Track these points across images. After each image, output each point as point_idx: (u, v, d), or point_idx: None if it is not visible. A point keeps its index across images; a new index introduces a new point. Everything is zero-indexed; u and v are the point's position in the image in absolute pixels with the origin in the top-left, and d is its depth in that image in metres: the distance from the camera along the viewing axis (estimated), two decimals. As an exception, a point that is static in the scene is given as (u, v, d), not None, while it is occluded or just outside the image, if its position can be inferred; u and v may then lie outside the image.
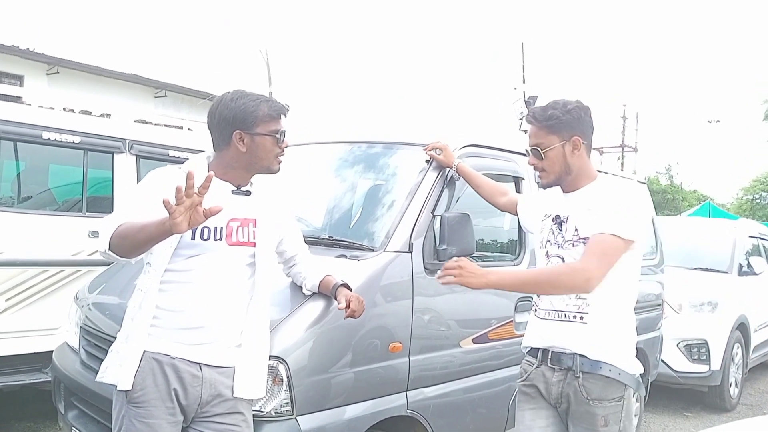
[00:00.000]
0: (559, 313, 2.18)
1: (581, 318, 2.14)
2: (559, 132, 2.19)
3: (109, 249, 1.87)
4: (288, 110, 2.11)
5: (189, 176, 1.66)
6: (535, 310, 2.29)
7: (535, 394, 2.25)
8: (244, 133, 2.02)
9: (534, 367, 2.25)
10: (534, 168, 2.28)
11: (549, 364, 2.20)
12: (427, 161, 2.92)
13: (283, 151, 2.10)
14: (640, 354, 4.50)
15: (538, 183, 2.34)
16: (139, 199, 1.99)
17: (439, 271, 2.14)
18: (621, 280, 2.14)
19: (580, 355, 2.12)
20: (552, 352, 2.19)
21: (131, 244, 1.83)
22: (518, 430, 2.32)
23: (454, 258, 2.13)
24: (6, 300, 4.07)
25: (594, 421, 2.12)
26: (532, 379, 2.25)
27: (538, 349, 2.24)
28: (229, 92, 2.08)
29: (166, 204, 1.65)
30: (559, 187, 2.28)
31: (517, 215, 2.59)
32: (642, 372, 2.23)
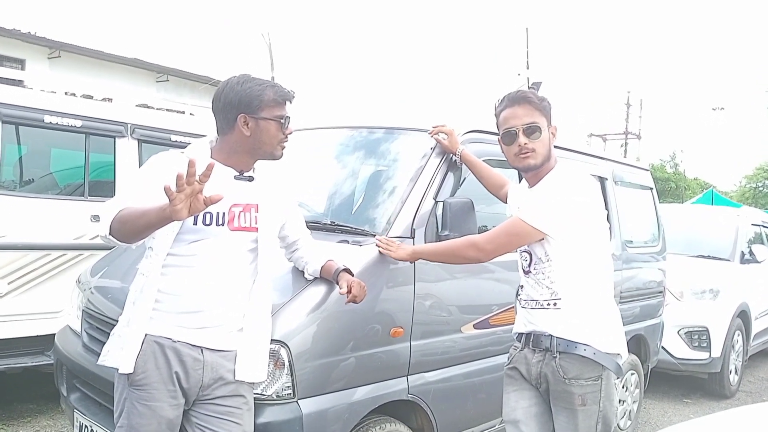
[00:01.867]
0: (536, 302, 2.28)
1: (555, 305, 2.24)
2: (547, 116, 2.28)
3: (110, 234, 1.87)
4: (294, 97, 2.11)
5: (190, 164, 1.65)
6: (519, 300, 2.39)
7: (518, 376, 2.35)
8: (249, 117, 2.01)
9: (518, 351, 2.36)
10: (522, 149, 2.23)
11: (530, 347, 2.30)
12: (431, 148, 2.91)
13: (286, 137, 2.10)
14: (641, 340, 4.56)
15: (521, 166, 2.29)
16: (141, 184, 1.99)
17: (377, 239, 2.48)
18: (587, 270, 2.23)
19: (557, 337, 2.22)
20: (533, 335, 2.29)
21: (131, 230, 1.83)
22: (504, 411, 2.40)
23: (393, 238, 2.47)
24: (9, 283, 4.08)
25: (572, 400, 2.20)
26: (515, 361, 2.36)
27: (523, 334, 2.35)
28: (235, 76, 2.07)
29: (167, 190, 1.65)
30: (525, 181, 2.36)
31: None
32: (621, 353, 2.28)
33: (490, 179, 2.78)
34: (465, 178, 2.93)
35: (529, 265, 2.29)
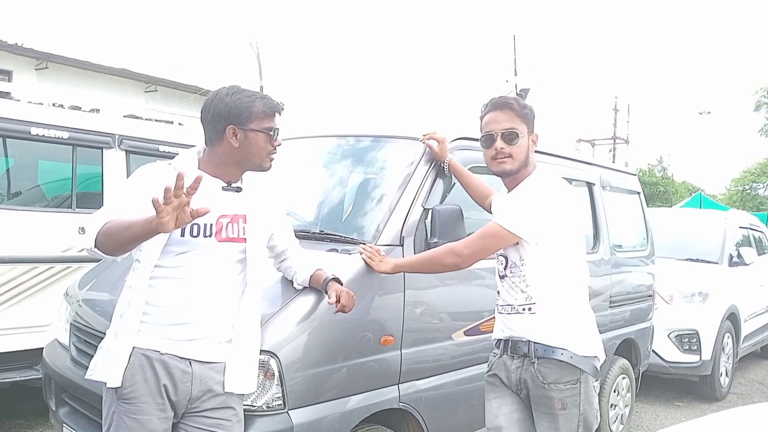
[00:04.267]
0: (511, 307, 2.31)
1: (530, 309, 2.26)
2: (528, 124, 2.31)
3: (95, 246, 1.87)
4: (283, 109, 2.11)
5: (179, 177, 1.65)
6: (496, 306, 2.41)
7: (498, 383, 2.37)
8: (238, 128, 2.01)
9: (497, 357, 2.38)
10: (498, 153, 2.28)
11: (509, 353, 2.32)
12: (420, 156, 2.91)
13: (275, 149, 2.10)
14: (631, 344, 4.58)
15: (497, 170, 2.34)
16: (127, 196, 1.99)
17: (361, 248, 2.48)
18: (562, 274, 2.26)
19: (534, 342, 2.24)
20: (511, 341, 2.31)
21: (116, 242, 1.83)
22: (487, 419, 2.41)
23: (378, 248, 2.49)
24: (-4, 297, 4.05)
25: (551, 404, 2.22)
26: (495, 368, 2.38)
27: (501, 340, 2.36)
28: (224, 87, 2.07)
29: (154, 203, 1.64)
30: (504, 187, 2.39)
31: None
32: (598, 355, 2.30)
33: (476, 189, 2.79)
34: (454, 185, 2.94)
35: (505, 269, 2.32)
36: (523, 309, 2.27)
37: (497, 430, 2.35)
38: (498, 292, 2.39)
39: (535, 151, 2.39)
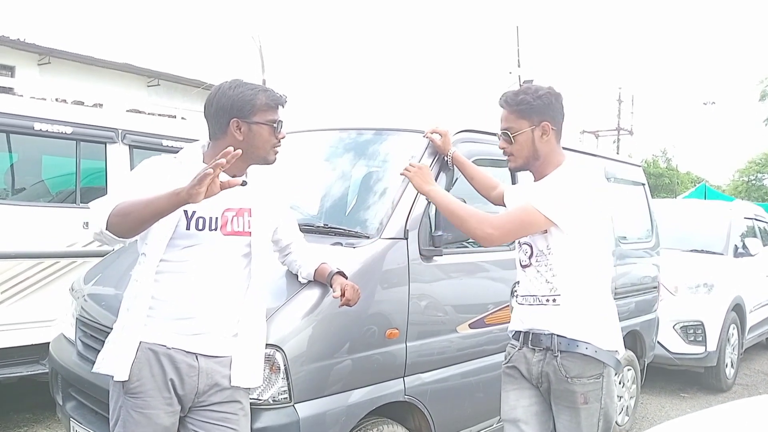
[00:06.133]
0: (534, 297, 2.26)
1: (554, 301, 2.21)
2: (530, 117, 2.25)
3: (107, 228, 1.84)
4: (286, 101, 2.10)
5: (224, 153, 1.70)
6: (515, 297, 2.37)
7: (517, 375, 2.33)
8: (242, 121, 2.01)
9: (516, 349, 2.34)
10: (504, 152, 2.32)
11: (530, 346, 2.27)
12: (424, 149, 2.90)
13: (279, 141, 2.09)
14: (637, 336, 4.58)
15: (509, 167, 2.39)
16: (134, 184, 1.98)
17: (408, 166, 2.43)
18: (587, 265, 2.22)
19: (558, 335, 2.19)
20: (532, 333, 2.27)
21: (134, 220, 1.81)
22: (503, 410, 2.38)
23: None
24: (2, 292, 4.07)
25: (574, 398, 2.18)
26: (514, 361, 2.34)
27: (520, 332, 2.32)
28: (227, 81, 2.07)
29: (213, 167, 1.67)
30: (532, 175, 2.36)
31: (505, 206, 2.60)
32: (619, 349, 2.27)
33: (480, 181, 2.78)
34: (457, 178, 2.93)
35: (530, 258, 2.27)
36: (547, 300, 2.22)
37: (514, 422, 2.31)
38: (518, 282, 2.34)
39: None
